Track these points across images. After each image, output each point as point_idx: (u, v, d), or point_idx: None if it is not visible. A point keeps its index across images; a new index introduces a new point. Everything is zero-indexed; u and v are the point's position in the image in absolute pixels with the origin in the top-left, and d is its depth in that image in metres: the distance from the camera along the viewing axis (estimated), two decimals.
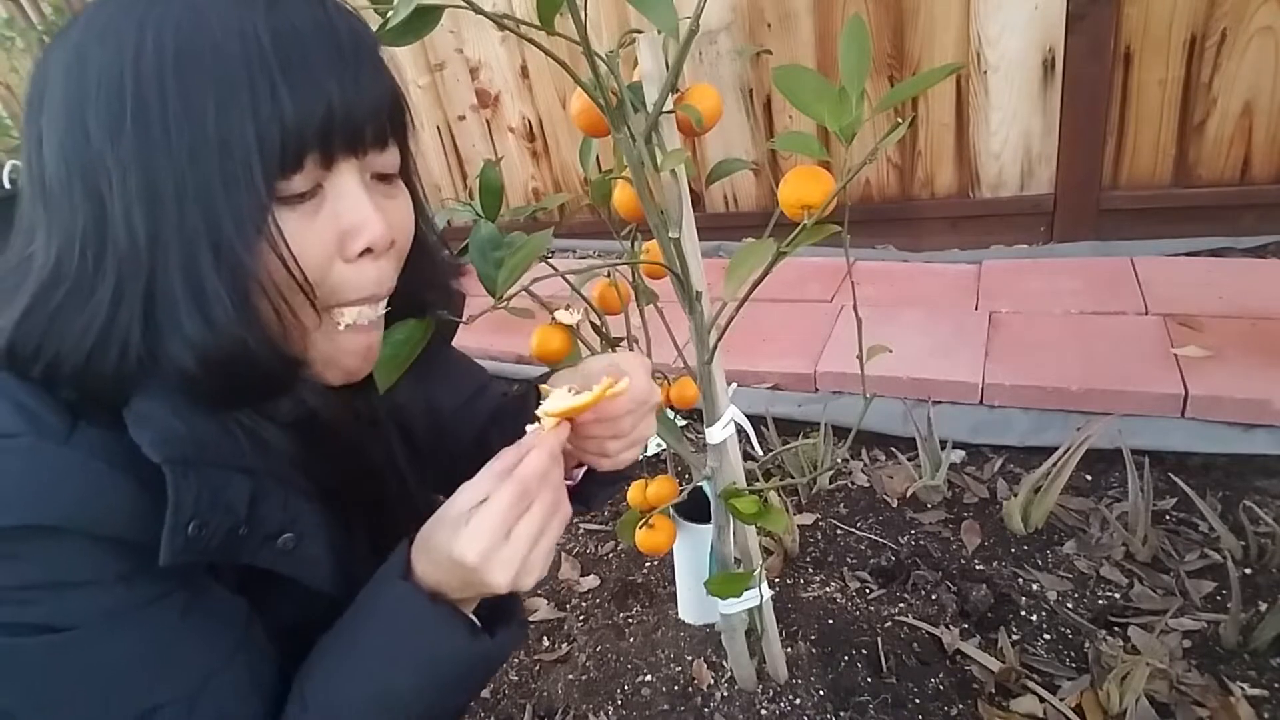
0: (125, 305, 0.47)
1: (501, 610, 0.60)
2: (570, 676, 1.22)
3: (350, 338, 0.54)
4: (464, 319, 0.60)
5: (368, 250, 0.51)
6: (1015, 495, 1.33)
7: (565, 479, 0.59)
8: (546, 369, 0.73)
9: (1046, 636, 1.14)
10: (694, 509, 1.06)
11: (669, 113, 0.67)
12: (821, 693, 1.10)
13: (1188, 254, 1.88)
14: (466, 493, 0.53)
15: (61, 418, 0.48)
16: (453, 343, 0.70)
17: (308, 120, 0.47)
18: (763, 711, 1.10)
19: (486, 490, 0.52)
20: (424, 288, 0.61)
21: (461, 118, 2.77)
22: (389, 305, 0.57)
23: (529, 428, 0.56)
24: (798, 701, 1.10)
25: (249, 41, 0.45)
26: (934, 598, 1.23)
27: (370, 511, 0.63)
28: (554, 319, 0.72)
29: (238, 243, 0.46)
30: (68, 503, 0.47)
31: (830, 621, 1.21)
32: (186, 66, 0.45)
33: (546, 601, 1.38)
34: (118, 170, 0.46)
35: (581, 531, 1.53)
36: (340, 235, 0.50)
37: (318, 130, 0.47)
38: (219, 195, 0.46)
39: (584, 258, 2.64)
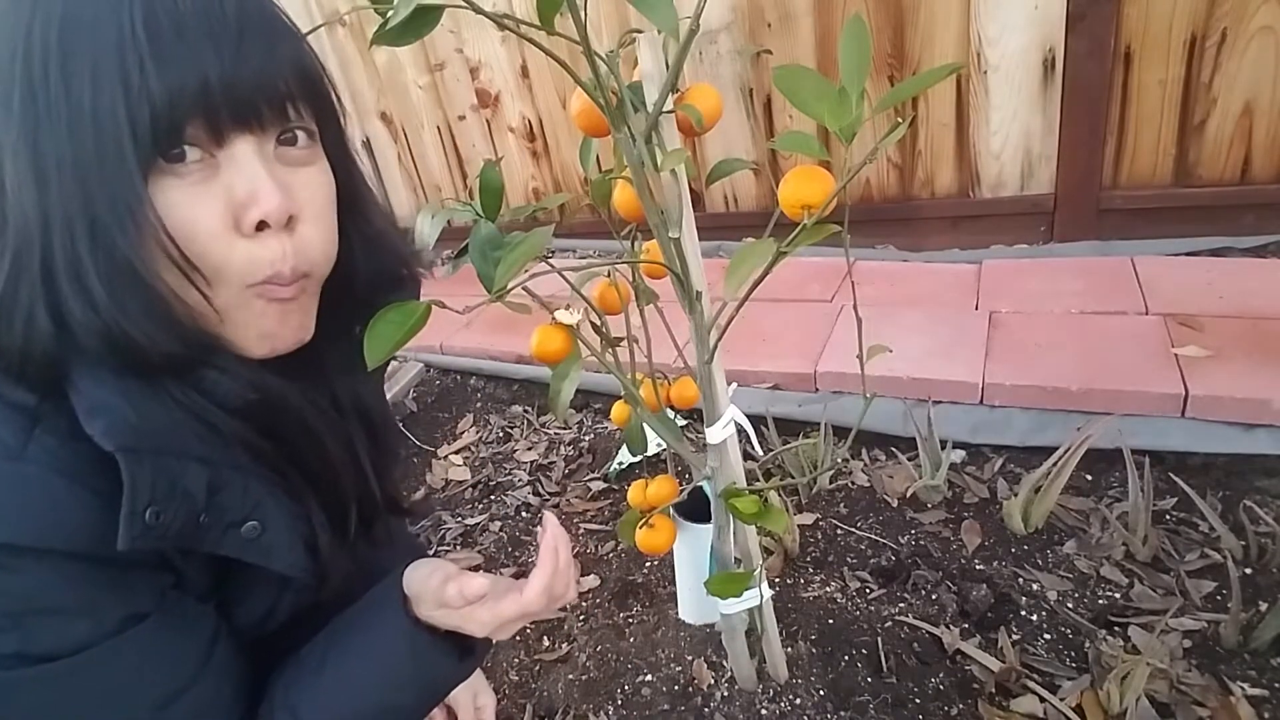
0: (25, 281, 0.47)
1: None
2: (570, 676, 1.22)
3: (265, 309, 0.53)
4: (462, 311, 0.60)
5: (265, 225, 0.50)
6: (1015, 495, 1.33)
7: None
8: (546, 369, 0.73)
9: (1047, 636, 1.14)
10: (694, 509, 1.06)
11: (669, 113, 0.67)
12: (822, 692, 1.10)
13: (1188, 254, 1.87)
14: (476, 582, 0.59)
15: (15, 430, 0.48)
16: (452, 342, 0.70)
17: (178, 94, 0.46)
18: (763, 711, 1.10)
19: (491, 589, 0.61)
20: (367, 271, 0.61)
21: (461, 118, 2.77)
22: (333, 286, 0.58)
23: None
24: (798, 701, 1.10)
25: (123, 18, 0.45)
26: (934, 598, 1.23)
27: (324, 492, 0.63)
28: (554, 319, 0.72)
29: (112, 223, 0.46)
30: (25, 522, 0.46)
31: (830, 621, 1.21)
32: (67, 45, 0.45)
33: (541, 616, 1.38)
34: (9, 147, 0.46)
35: (582, 531, 1.53)
36: (233, 208, 0.49)
37: (193, 105, 0.47)
38: (94, 174, 0.46)
39: (584, 258, 2.64)
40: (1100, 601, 1.17)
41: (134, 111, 0.45)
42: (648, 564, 1.42)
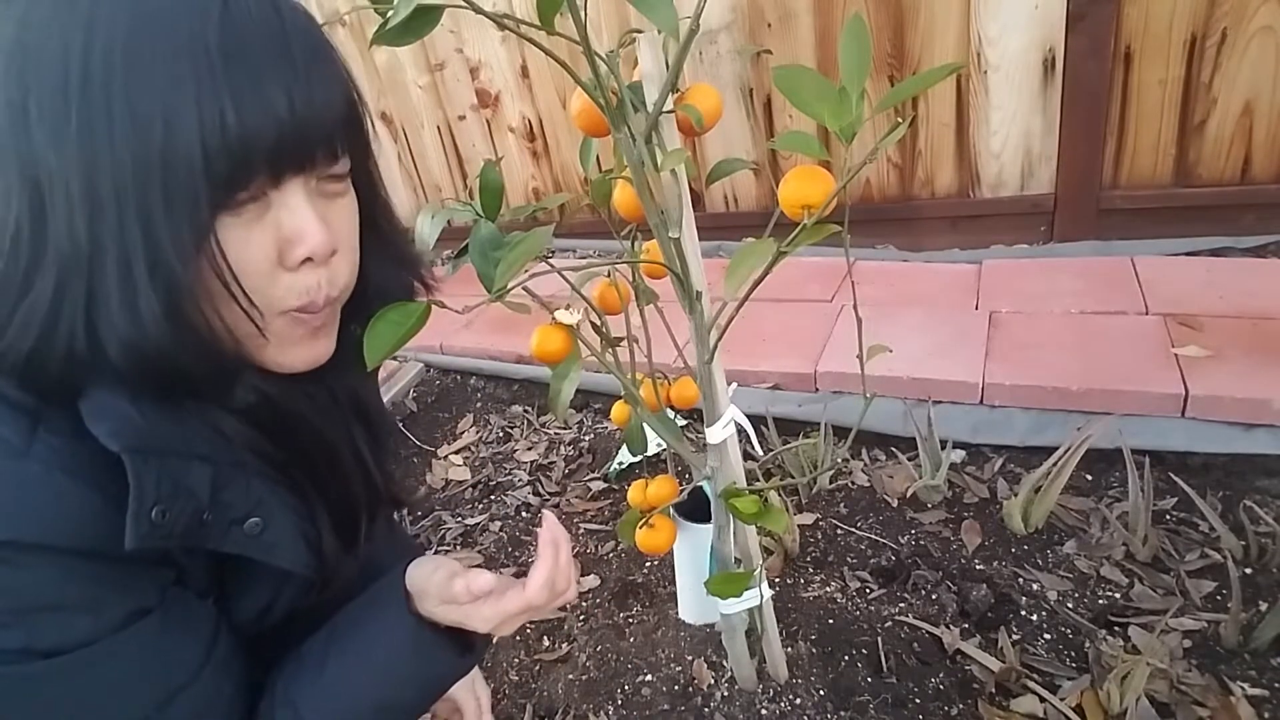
0: (68, 302, 0.46)
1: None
2: (570, 676, 1.22)
3: (300, 335, 0.54)
4: (462, 310, 0.61)
5: (308, 259, 0.51)
6: (1015, 495, 1.33)
7: None
8: (546, 369, 0.73)
9: (1047, 636, 1.14)
10: (694, 509, 1.06)
11: (669, 112, 0.67)
12: (822, 692, 1.10)
13: (1188, 254, 1.87)
14: (484, 577, 0.60)
15: (18, 428, 0.48)
16: (452, 342, 0.71)
17: (255, 142, 0.46)
18: (763, 711, 1.10)
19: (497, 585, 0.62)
20: (378, 279, 0.61)
21: (461, 118, 2.77)
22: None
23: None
24: (798, 701, 1.10)
25: (198, 53, 0.44)
26: (934, 598, 1.23)
27: (332, 495, 0.64)
28: (554, 319, 0.72)
29: (175, 260, 0.46)
30: (29, 519, 0.47)
31: (830, 621, 1.21)
32: (133, 76, 0.44)
33: (543, 612, 1.38)
34: (60, 172, 0.45)
35: (582, 531, 1.53)
36: (280, 244, 0.50)
37: (265, 151, 0.46)
38: (159, 212, 0.45)
39: (584, 258, 2.64)
40: (1100, 601, 1.17)
41: (211, 154, 0.45)
42: (648, 564, 1.42)
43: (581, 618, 1.33)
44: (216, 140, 0.45)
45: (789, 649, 1.15)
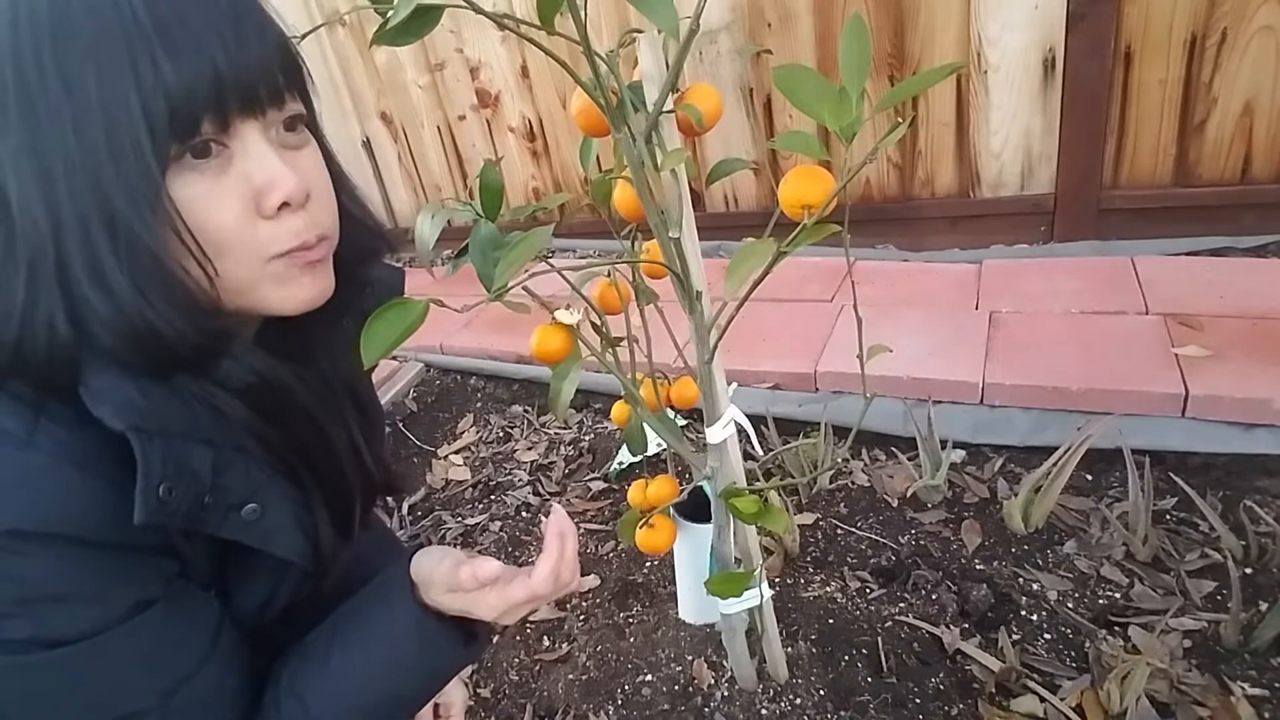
0: (42, 290, 0.47)
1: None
2: (570, 676, 1.22)
3: (300, 276, 0.55)
4: (462, 310, 0.61)
5: (285, 205, 0.51)
6: (1015, 495, 1.33)
7: None
8: (546, 369, 0.73)
9: (1047, 636, 1.14)
10: (694, 509, 1.06)
11: (669, 112, 0.67)
12: (822, 692, 1.10)
13: (1188, 254, 1.87)
14: (490, 564, 0.61)
15: (20, 419, 0.48)
16: (452, 342, 0.71)
17: (194, 86, 0.46)
18: (763, 711, 1.10)
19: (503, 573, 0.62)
20: (345, 242, 0.61)
21: (461, 118, 2.77)
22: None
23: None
24: (798, 701, 1.10)
25: (122, 8, 0.45)
26: (934, 597, 1.23)
27: (328, 483, 0.64)
28: (554, 319, 0.72)
29: (133, 219, 0.46)
30: (34, 508, 0.47)
31: (830, 621, 1.21)
32: (62, 41, 0.44)
33: (547, 601, 1.38)
34: (9, 154, 0.45)
35: (582, 531, 1.53)
36: (253, 194, 0.50)
37: (207, 95, 0.47)
38: (109, 172, 0.45)
39: (584, 258, 2.64)
40: (1100, 601, 1.17)
41: (149, 104, 0.45)
42: (648, 564, 1.42)
43: (581, 618, 1.33)
44: (151, 88, 0.45)
45: (789, 649, 1.15)
